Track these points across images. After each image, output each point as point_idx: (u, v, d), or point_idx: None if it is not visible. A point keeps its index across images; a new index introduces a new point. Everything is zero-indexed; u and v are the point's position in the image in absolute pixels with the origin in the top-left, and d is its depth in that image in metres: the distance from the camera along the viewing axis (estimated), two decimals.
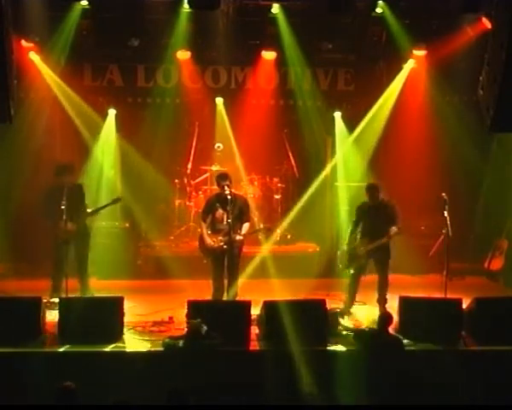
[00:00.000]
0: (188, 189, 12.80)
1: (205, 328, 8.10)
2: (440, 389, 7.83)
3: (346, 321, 9.35)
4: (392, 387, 6.68)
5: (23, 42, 11.35)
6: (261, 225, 11.09)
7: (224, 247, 9.50)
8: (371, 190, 10.00)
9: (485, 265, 11.93)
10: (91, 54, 12.07)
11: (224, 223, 9.50)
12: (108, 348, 8.30)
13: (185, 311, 8.57)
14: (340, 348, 8.48)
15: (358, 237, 9.90)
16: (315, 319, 8.56)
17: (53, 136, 12.46)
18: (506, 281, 11.64)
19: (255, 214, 12.12)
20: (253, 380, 7.92)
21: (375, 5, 11.15)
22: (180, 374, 7.86)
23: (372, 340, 8.12)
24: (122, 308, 8.68)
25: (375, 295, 9.80)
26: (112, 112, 12.49)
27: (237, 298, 9.51)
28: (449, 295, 9.34)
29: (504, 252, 11.78)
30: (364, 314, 9.83)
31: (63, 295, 9.47)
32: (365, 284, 11.60)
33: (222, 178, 9.73)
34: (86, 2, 10.96)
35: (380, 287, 9.78)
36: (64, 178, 10.03)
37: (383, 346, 7.96)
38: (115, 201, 10.58)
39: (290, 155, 13.11)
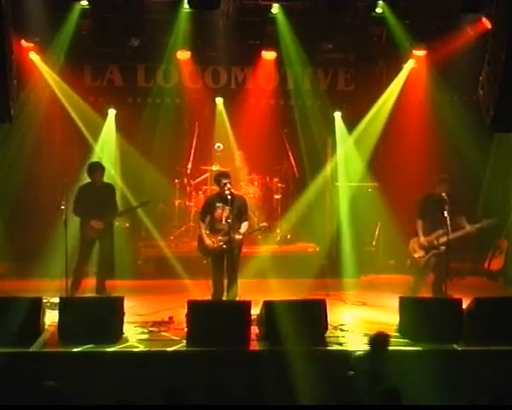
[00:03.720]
0: (188, 189, 12.80)
1: None
2: (440, 389, 7.83)
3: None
4: (392, 386, 6.67)
5: (23, 42, 11.36)
6: (260, 224, 11.10)
7: (224, 247, 9.50)
8: (447, 179, 10.16)
9: (485, 265, 11.93)
10: (91, 54, 12.07)
11: (224, 223, 9.49)
12: (108, 349, 8.29)
13: (185, 311, 8.57)
14: (339, 348, 8.48)
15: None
16: (315, 319, 8.55)
17: (53, 136, 12.47)
18: (506, 281, 11.64)
19: (255, 214, 12.14)
20: (253, 380, 7.92)
21: (375, 5, 11.16)
22: (180, 374, 7.86)
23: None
24: (122, 308, 8.67)
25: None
26: (112, 112, 12.51)
27: (237, 298, 9.51)
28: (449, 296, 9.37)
29: (504, 252, 11.77)
30: (363, 315, 9.86)
31: (78, 294, 9.63)
32: (366, 284, 11.68)
33: (222, 176, 9.72)
34: (86, 2, 10.98)
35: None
36: (93, 176, 10.10)
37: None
38: (144, 203, 10.65)
39: (290, 154, 13.11)
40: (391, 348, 8.43)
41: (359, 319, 9.55)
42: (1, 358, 7.97)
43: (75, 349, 8.21)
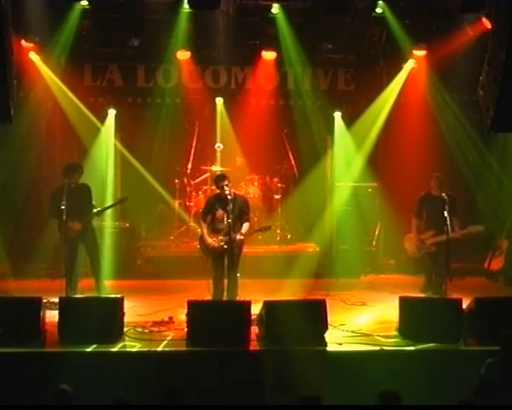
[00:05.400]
0: (188, 189, 12.80)
1: None
2: (440, 389, 7.83)
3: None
4: (390, 387, 6.67)
5: (23, 42, 11.34)
6: (261, 225, 11.11)
7: (225, 246, 9.50)
8: (439, 180, 10.25)
9: (485, 265, 11.91)
10: (91, 54, 12.06)
11: (225, 223, 9.50)
12: (108, 349, 8.29)
13: (185, 311, 8.57)
14: (340, 348, 8.48)
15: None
16: (315, 319, 8.55)
17: (53, 136, 12.48)
18: (506, 281, 11.64)
19: (255, 214, 12.13)
20: (253, 380, 7.92)
21: (375, 5, 11.15)
22: (180, 374, 7.86)
23: None
24: (122, 308, 8.67)
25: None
26: (112, 112, 12.50)
27: (237, 298, 9.51)
28: (449, 295, 9.37)
29: (504, 252, 11.76)
30: (363, 315, 9.86)
31: (76, 294, 9.65)
32: (366, 284, 11.68)
33: (220, 178, 9.74)
34: (86, 2, 10.96)
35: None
36: (71, 177, 10.07)
37: None
38: (121, 200, 10.60)
39: (290, 155, 13.11)
40: (390, 348, 8.49)
41: (359, 319, 9.55)
42: (1, 358, 7.97)
43: (75, 349, 8.21)
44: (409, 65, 12.36)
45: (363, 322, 9.42)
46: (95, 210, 10.29)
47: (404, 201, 12.09)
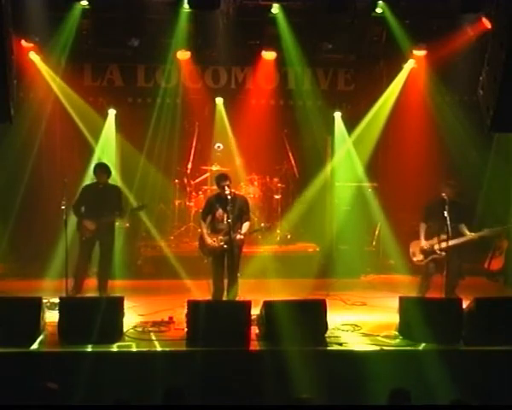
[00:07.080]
0: (188, 189, 12.81)
1: None
2: (440, 389, 7.83)
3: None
4: (390, 387, 6.68)
5: (23, 42, 11.34)
6: (261, 225, 11.10)
7: (225, 246, 9.51)
8: (454, 185, 10.15)
9: (485, 265, 11.92)
10: (91, 54, 12.06)
11: (225, 223, 9.50)
12: (108, 349, 8.29)
13: (185, 311, 8.57)
14: (340, 348, 8.48)
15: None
16: (315, 319, 8.55)
17: (53, 136, 12.48)
18: (506, 281, 11.65)
19: (255, 214, 12.14)
20: (253, 380, 7.92)
21: (375, 5, 11.15)
22: (180, 374, 7.86)
23: None
24: (122, 308, 8.68)
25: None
26: (112, 112, 12.52)
27: (237, 298, 9.51)
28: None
29: (504, 252, 11.77)
30: (363, 315, 9.86)
31: (81, 294, 9.71)
32: (366, 284, 11.68)
33: (221, 178, 9.74)
34: (86, 2, 10.96)
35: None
36: (100, 177, 10.13)
37: None
38: (141, 207, 10.62)
39: (290, 155, 13.12)
40: (390, 348, 8.50)
41: (359, 319, 9.55)
42: (1, 358, 7.98)
43: (75, 349, 8.21)
44: (409, 65, 12.36)
45: (363, 322, 9.42)
46: (117, 212, 10.31)
47: (405, 201, 12.11)
